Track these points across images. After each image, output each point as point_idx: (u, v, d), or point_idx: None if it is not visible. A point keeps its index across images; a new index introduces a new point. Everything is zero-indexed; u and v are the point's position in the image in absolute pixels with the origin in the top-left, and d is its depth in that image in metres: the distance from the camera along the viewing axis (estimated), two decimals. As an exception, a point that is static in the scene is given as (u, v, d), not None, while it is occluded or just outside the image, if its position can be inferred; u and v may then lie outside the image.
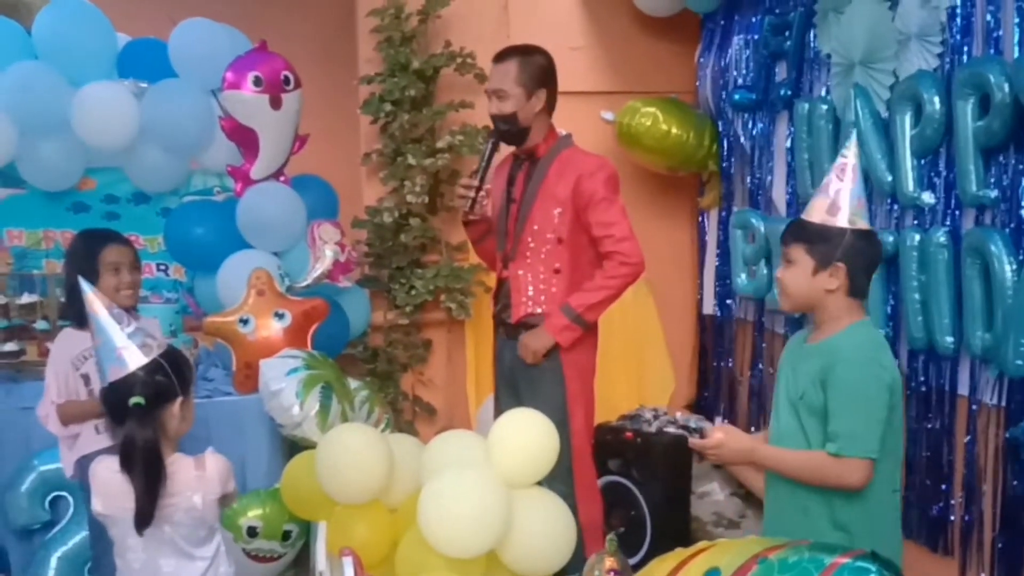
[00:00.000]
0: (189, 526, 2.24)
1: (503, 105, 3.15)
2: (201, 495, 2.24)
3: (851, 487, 2.13)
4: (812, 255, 2.22)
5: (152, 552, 2.22)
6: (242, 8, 4.98)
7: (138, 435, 2.17)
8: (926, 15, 2.83)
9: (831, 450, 2.13)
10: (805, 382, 2.23)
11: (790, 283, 2.28)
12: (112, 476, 2.21)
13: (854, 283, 2.22)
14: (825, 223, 2.21)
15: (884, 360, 2.20)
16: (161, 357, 2.22)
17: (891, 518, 2.28)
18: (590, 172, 3.13)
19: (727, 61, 4.33)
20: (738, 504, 4.42)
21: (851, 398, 2.13)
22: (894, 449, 2.23)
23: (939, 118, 2.77)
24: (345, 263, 4.09)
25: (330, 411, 3.46)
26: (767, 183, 4.03)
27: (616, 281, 3.14)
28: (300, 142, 3.99)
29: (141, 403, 2.16)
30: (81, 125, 3.74)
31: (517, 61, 3.15)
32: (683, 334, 5.08)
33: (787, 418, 2.29)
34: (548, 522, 2.85)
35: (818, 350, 2.25)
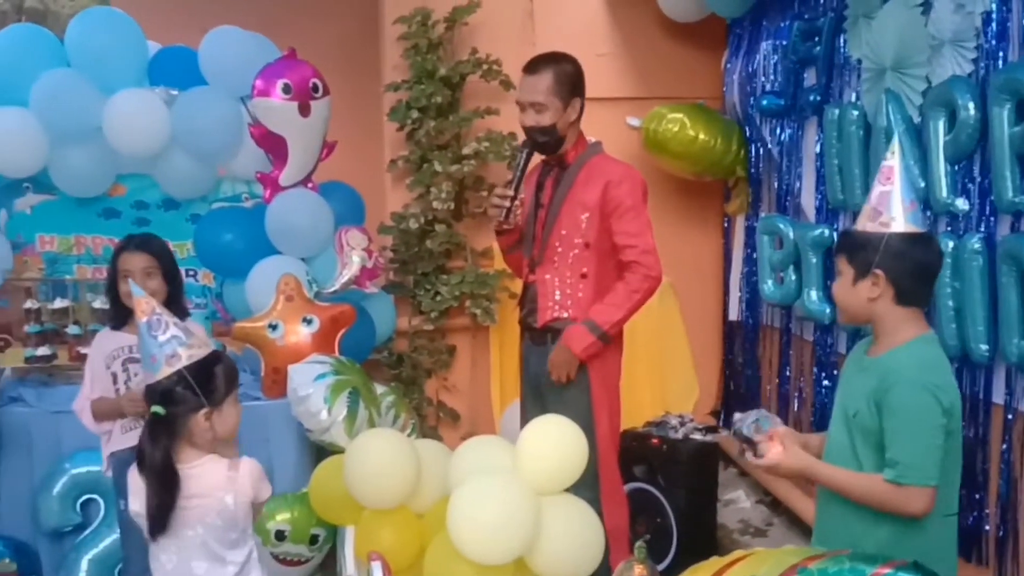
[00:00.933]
0: (221, 528, 2.26)
1: (541, 117, 3.13)
2: (233, 496, 2.25)
3: (913, 515, 2.05)
4: (852, 264, 2.16)
5: (184, 554, 2.24)
6: (269, 16, 5.01)
7: (149, 445, 2.21)
8: (960, 20, 2.80)
9: (889, 477, 2.05)
10: (859, 400, 2.15)
11: (837, 295, 2.23)
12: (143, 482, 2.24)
13: (900, 290, 2.11)
14: (866, 230, 2.15)
15: (942, 382, 2.10)
16: (187, 368, 2.22)
17: (946, 542, 2.18)
18: (618, 180, 3.13)
19: (754, 67, 4.31)
20: (765, 512, 4.39)
21: (908, 424, 2.04)
22: (952, 472, 2.14)
23: (974, 124, 2.74)
24: (372, 269, 4.11)
25: (357, 416, 3.47)
26: (795, 189, 4.00)
27: (639, 296, 3.14)
28: (328, 149, 4.02)
29: (160, 413, 2.20)
30: (112, 132, 3.78)
31: (552, 71, 3.13)
32: (708, 341, 5.06)
33: (840, 434, 2.21)
34: (576, 529, 2.84)
35: (876, 365, 2.15)
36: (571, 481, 2.86)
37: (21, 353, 3.85)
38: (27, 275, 4.01)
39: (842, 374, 2.35)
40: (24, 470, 3.54)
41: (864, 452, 2.14)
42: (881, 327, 2.17)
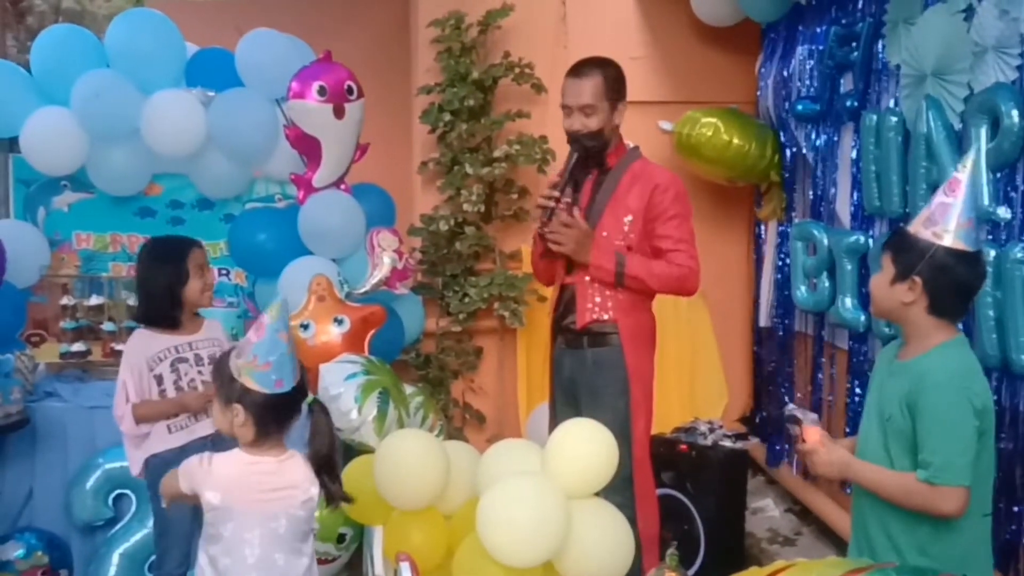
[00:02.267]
0: (302, 519, 2.31)
1: (589, 121, 3.12)
2: (316, 488, 2.32)
3: (947, 515, 2.08)
4: (895, 264, 2.20)
5: (267, 546, 2.26)
6: (304, 19, 5.05)
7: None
8: (1004, 27, 2.77)
9: (922, 477, 2.08)
10: (892, 404, 2.18)
11: (873, 288, 2.29)
12: (242, 469, 2.27)
13: (936, 301, 2.15)
14: (919, 235, 2.16)
15: (974, 384, 2.13)
16: None
17: (981, 543, 2.20)
18: (665, 186, 3.13)
19: (790, 71, 4.28)
20: (793, 521, 4.36)
21: (942, 425, 2.07)
22: (986, 473, 2.17)
23: (1018, 131, 2.70)
24: (403, 270, 4.12)
25: (387, 416, 3.48)
26: (830, 195, 3.97)
27: (671, 283, 3.15)
28: (361, 151, 4.03)
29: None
30: (150, 132, 3.82)
31: (600, 74, 3.13)
32: (738, 347, 5.03)
33: (874, 436, 2.24)
34: (606, 533, 2.83)
35: (906, 369, 2.19)
36: (601, 485, 2.85)
37: (56, 349, 3.89)
38: (63, 272, 4.05)
39: (873, 377, 2.38)
40: (58, 464, 3.58)
41: (897, 455, 2.17)
42: (911, 331, 2.22)
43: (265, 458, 2.28)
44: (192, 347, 3.02)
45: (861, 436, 2.31)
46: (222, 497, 2.25)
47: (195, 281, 2.98)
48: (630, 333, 3.17)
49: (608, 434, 2.85)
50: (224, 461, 2.29)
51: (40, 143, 3.79)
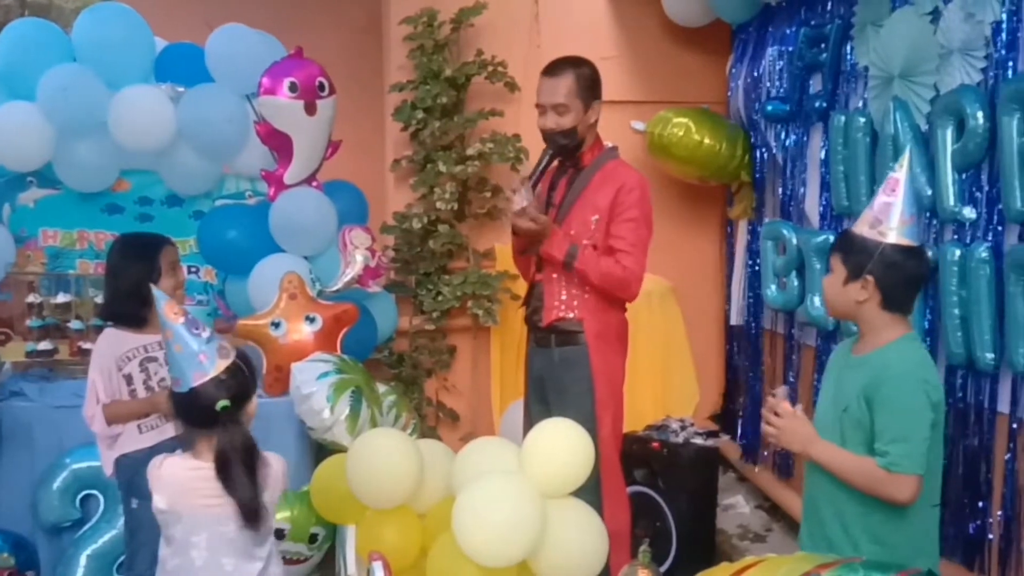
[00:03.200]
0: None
1: (562, 120, 3.13)
2: (269, 492, 2.29)
3: (900, 502, 2.16)
4: (845, 265, 2.29)
5: (216, 550, 2.24)
6: (276, 15, 5.02)
7: (235, 436, 2.21)
8: (969, 29, 2.81)
9: (881, 464, 2.16)
10: (850, 396, 2.25)
11: (826, 289, 2.38)
12: (184, 474, 2.24)
13: (888, 297, 2.24)
14: (865, 235, 2.25)
15: (930, 377, 2.22)
16: (238, 358, 2.28)
17: (929, 531, 2.29)
18: (630, 187, 3.14)
19: (760, 72, 4.31)
20: (764, 518, 4.40)
21: (900, 416, 2.16)
22: (935, 465, 2.25)
23: (982, 133, 2.74)
24: (375, 268, 4.11)
25: (360, 415, 3.48)
26: (799, 195, 4.01)
27: (614, 284, 3.13)
28: (333, 148, 4.02)
29: (228, 406, 2.20)
30: (118, 128, 3.77)
31: (573, 73, 3.14)
32: (709, 345, 5.07)
33: (829, 429, 2.31)
34: (581, 532, 2.84)
35: (862, 363, 2.27)
36: (577, 485, 2.86)
37: (22, 347, 3.84)
38: (29, 269, 4.00)
39: (828, 372, 2.47)
40: (24, 465, 3.53)
41: (853, 446, 2.25)
42: (866, 327, 2.31)
43: (204, 463, 2.24)
44: (162, 346, 2.98)
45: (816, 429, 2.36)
46: (167, 501, 2.24)
47: (167, 279, 2.95)
48: (596, 332, 3.19)
49: (584, 433, 2.87)
50: (171, 465, 2.27)
51: (6, 138, 3.73)
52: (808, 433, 2.31)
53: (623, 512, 3.28)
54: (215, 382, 2.20)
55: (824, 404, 2.40)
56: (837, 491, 2.26)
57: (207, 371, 2.20)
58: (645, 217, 3.18)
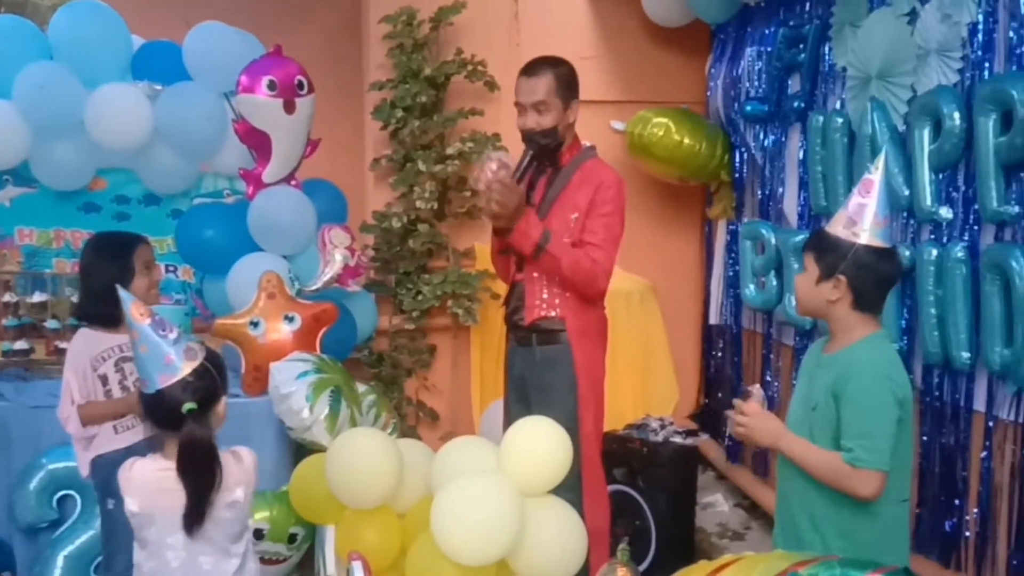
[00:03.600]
0: (230, 520, 2.26)
1: (543, 119, 3.12)
2: (243, 488, 2.28)
3: (864, 498, 2.17)
4: (818, 264, 2.30)
5: (193, 550, 2.23)
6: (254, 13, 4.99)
7: (197, 438, 2.19)
8: (946, 30, 2.83)
9: (846, 459, 2.18)
10: (818, 393, 2.28)
11: (798, 288, 2.40)
12: (153, 475, 2.23)
13: (859, 297, 2.26)
14: (838, 236, 2.26)
15: (895, 374, 2.24)
16: (206, 360, 2.26)
17: (898, 527, 2.31)
18: (608, 184, 3.15)
19: (739, 72, 4.33)
20: (742, 516, 4.42)
21: (865, 412, 2.18)
22: (904, 461, 2.27)
23: (959, 133, 2.77)
24: (355, 267, 4.10)
25: (339, 415, 3.46)
26: (778, 195, 4.03)
27: (583, 276, 3.09)
28: (312, 146, 4.00)
29: (195, 408, 2.19)
30: (94, 126, 3.74)
31: (552, 72, 3.13)
32: (688, 344, 5.09)
33: (799, 427, 2.33)
34: (560, 531, 2.84)
35: (832, 361, 2.29)
36: (556, 483, 2.86)
37: (-2, 347, 3.80)
38: (6, 268, 3.96)
39: (801, 371, 2.49)
40: (0, 465, 3.49)
41: (821, 443, 2.26)
42: (837, 326, 2.32)
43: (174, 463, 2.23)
44: None
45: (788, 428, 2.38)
46: (140, 503, 2.22)
47: (141, 278, 2.93)
48: (578, 330, 3.18)
49: (562, 432, 2.87)
50: (142, 467, 2.26)
51: (-19, 136, 3.70)
52: (776, 428, 2.33)
53: (603, 510, 3.28)
54: (181, 384, 2.19)
55: (796, 402, 2.42)
56: (807, 487, 2.27)
57: (174, 373, 2.19)
58: (619, 214, 3.19)
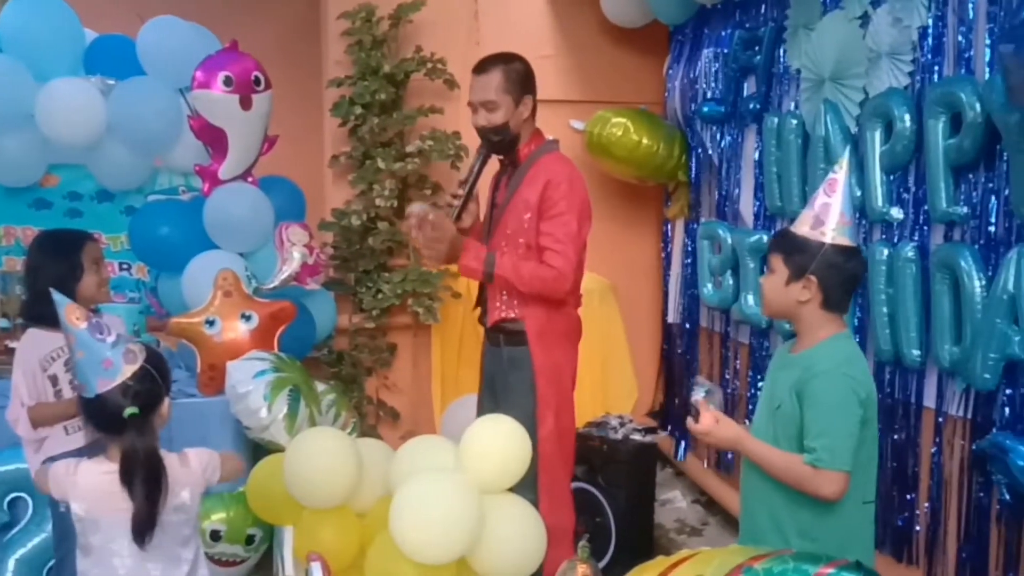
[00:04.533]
0: (177, 524, 2.22)
1: (493, 116, 3.10)
2: (189, 490, 2.24)
3: (826, 498, 2.18)
4: (788, 265, 2.29)
5: (140, 557, 2.18)
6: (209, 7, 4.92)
7: (139, 445, 2.15)
8: (897, 34, 2.89)
9: (807, 460, 2.18)
10: (782, 393, 2.28)
11: (767, 290, 2.37)
12: (98, 478, 2.18)
13: (828, 297, 2.26)
14: (806, 236, 2.26)
15: (859, 374, 2.25)
16: (146, 362, 2.20)
17: (862, 528, 2.32)
18: (556, 182, 3.08)
19: (696, 73, 4.37)
20: (700, 512, 4.47)
21: (827, 412, 2.18)
22: (867, 461, 2.28)
23: (909, 135, 2.82)
24: (313, 265, 4.07)
25: (298, 414, 3.43)
26: (735, 195, 4.08)
27: (539, 286, 3.06)
28: (269, 143, 3.97)
29: (136, 413, 2.14)
30: (45, 121, 3.68)
31: (501, 69, 3.11)
32: (647, 342, 5.13)
33: (764, 427, 2.34)
34: (519, 528, 2.84)
35: (796, 361, 2.30)
36: (514, 480, 2.86)
37: (-54, 347, 3.72)
38: (-47, 266, 3.88)
39: (768, 373, 2.49)
40: (-51, 468, 3.42)
41: (785, 443, 2.27)
42: (803, 326, 2.32)
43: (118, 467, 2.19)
44: None
45: (753, 427, 2.40)
46: (87, 508, 2.18)
47: (90, 276, 2.87)
48: (538, 331, 3.16)
49: (521, 429, 2.87)
50: (87, 470, 2.21)
51: (-72, 131, 3.62)
52: (736, 431, 2.33)
53: (563, 509, 3.25)
54: (122, 388, 2.14)
55: (761, 404, 2.43)
56: (768, 487, 2.28)
57: (113, 377, 2.14)
58: (575, 210, 3.09)
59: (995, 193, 2.55)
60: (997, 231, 2.54)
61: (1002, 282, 2.42)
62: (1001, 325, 2.42)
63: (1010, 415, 2.49)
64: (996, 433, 2.48)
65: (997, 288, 2.43)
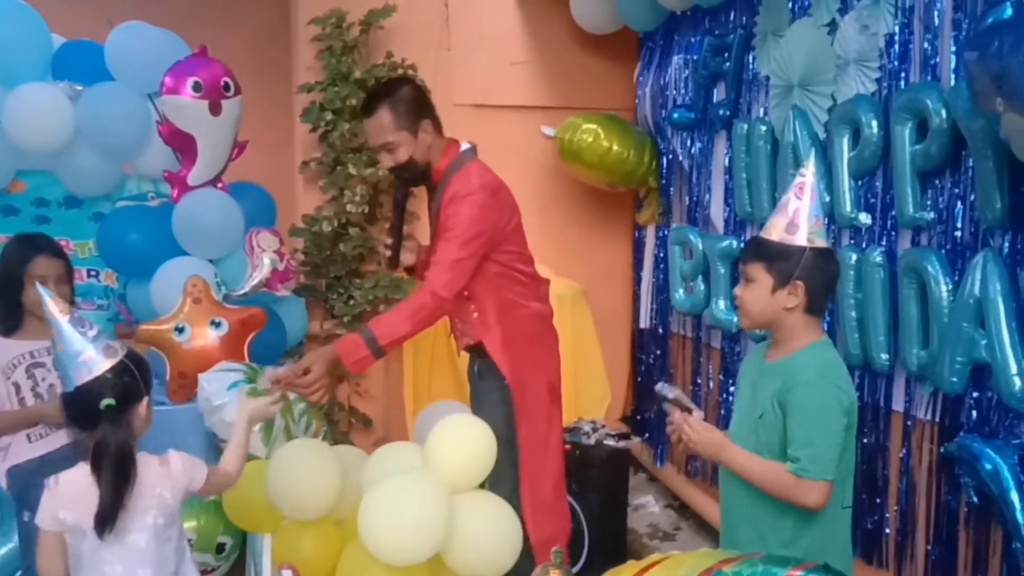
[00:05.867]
0: (162, 526, 2.21)
1: (396, 155, 2.96)
2: (169, 489, 2.22)
3: (809, 507, 2.16)
4: (771, 273, 2.24)
5: (129, 562, 2.16)
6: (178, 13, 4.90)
7: (111, 437, 2.13)
8: (864, 41, 2.92)
9: (791, 469, 2.15)
10: (765, 402, 2.24)
11: (749, 301, 2.29)
12: (82, 485, 2.15)
13: (812, 301, 2.24)
14: (784, 241, 2.23)
15: (842, 382, 2.22)
16: (126, 358, 2.20)
17: (841, 533, 2.31)
18: (450, 198, 2.95)
19: (666, 80, 4.40)
20: (673, 517, 4.48)
21: (811, 421, 2.15)
22: (848, 467, 2.26)
23: (876, 141, 2.85)
24: (283, 272, 4.05)
25: (274, 424, 3.41)
26: (705, 201, 4.10)
27: (426, 314, 2.92)
28: (239, 149, 3.95)
29: (113, 404, 2.14)
30: (12, 126, 3.65)
31: (387, 106, 2.93)
32: (619, 347, 5.14)
33: (745, 434, 2.30)
34: (490, 525, 2.82)
35: (777, 369, 2.26)
36: (482, 477, 2.85)
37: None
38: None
39: (741, 380, 2.45)
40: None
41: (767, 452, 2.24)
42: (784, 333, 2.28)
43: None
44: (50, 351, 2.86)
45: (732, 436, 2.36)
46: (74, 516, 2.15)
47: (32, 292, 2.80)
48: (500, 344, 3.08)
49: (484, 426, 2.85)
50: (69, 478, 2.18)
51: None
52: (718, 440, 2.29)
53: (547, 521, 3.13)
54: (100, 380, 2.14)
55: (740, 411, 2.39)
56: (751, 498, 2.26)
57: (92, 370, 2.14)
58: (460, 230, 2.90)
59: (961, 199, 2.58)
60: (963, 236, 2.57)
61: (968, 286, 2.44)
62: (968, 329, 2.44)
63: (977, 418, 2.52)
64: (964, 436, 2.51)
65: (963, 292, 2.46)
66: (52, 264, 2.89)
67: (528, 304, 3.16)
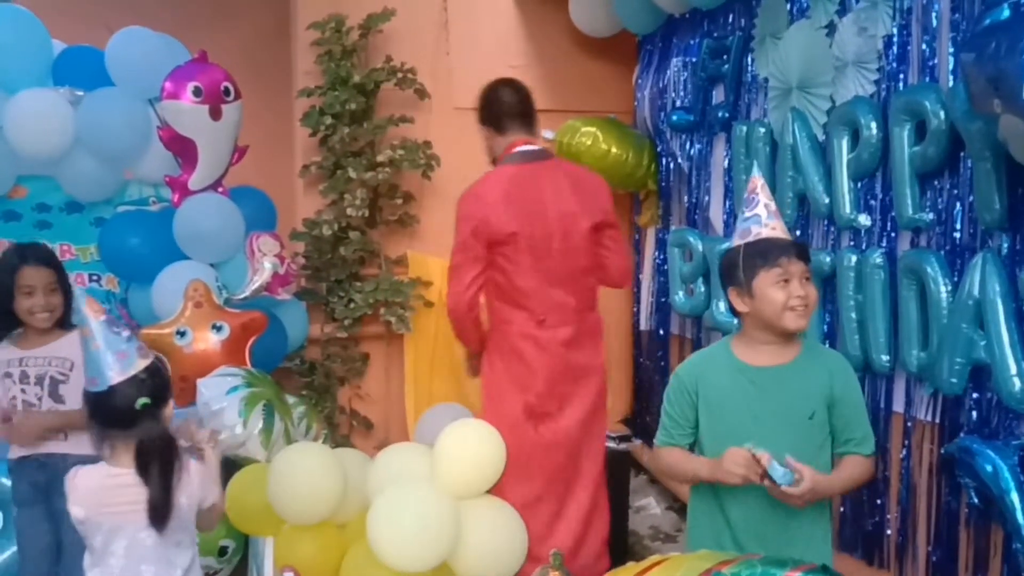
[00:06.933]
0: (171, 528, 2.22)
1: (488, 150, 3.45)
2: (186, 495, 2.24)
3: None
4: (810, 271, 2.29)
5: (134, 557, 2.20)
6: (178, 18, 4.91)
7: (155, 433, 2.18)
8: (862, 43, 2.93)
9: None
10: (812, 401, 2.22)
11: (814, 299, 2.24)
12: (100, 482, 2.19)
13: None
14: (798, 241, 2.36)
15: None
16: (158, 359, 2.27)
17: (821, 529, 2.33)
18: None
19: (665, 82, 4.41)
20: (674, 518, 4.48)
21: (861, 403, 2.31)
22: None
23: (876, 143, 2.86)
24: (284, 275, 4.06)
25: (273, 428, 3.42)
26: (704, 203, 4.11)
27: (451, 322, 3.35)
28: (240, 153, 3.96)
29: (148, 403, 2.17)
30: (13, 132, 3.66)
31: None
32: (619, 350, 5.14)
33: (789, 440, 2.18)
34: (496, 531, 2.84)
35: (805, 368, 2.24)
36: (490, 483, 2.86)
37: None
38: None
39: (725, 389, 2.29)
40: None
41: (811, 449, 2.21)
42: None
43: (124, 470, 2.19)
44: (23, 363, 2.87)
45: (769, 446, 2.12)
46: (85, 512, 2.20)
47: (21, 300, 2.83)
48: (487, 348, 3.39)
49: (493, 432, 2.87)
50: (86, 475, 2.22)
51: None
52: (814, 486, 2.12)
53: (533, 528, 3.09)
54: (135, 380, 2.17)
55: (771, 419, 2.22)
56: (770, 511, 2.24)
57: (126, 369, 2.17)
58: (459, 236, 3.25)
59: (960, 200, 2.59)
60: (962, 237, 2.58)
61: (967, 288, 2.45)
62: (967, 330, 2.45)
63: (977, 419, 2.52)
64: (963, 437, 2.52)
65: (963, 293, 2.47)
66: (39, 274, 2.86)
67: (512, 320, 3.31)
